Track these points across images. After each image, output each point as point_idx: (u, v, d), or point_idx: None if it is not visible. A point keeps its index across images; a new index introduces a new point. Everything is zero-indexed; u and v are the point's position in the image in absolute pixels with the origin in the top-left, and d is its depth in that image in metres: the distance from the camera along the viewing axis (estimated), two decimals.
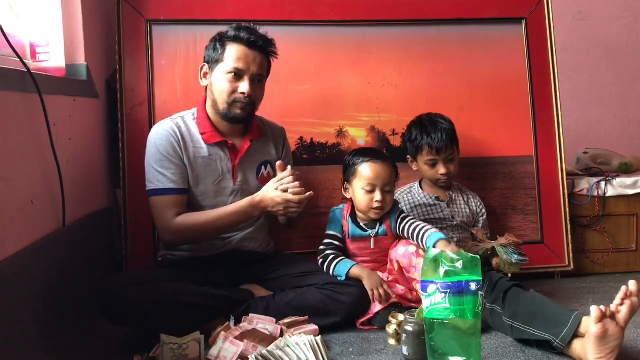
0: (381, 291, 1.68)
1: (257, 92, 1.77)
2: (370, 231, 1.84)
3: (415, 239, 1.76)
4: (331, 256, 1.80)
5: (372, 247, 1.84)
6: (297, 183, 1.69)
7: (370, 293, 1.69)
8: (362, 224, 1.85)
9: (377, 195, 1.77)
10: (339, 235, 1.85)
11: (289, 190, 1.67)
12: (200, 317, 1.62)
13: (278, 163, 1.77)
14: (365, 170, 1.78)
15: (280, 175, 1.73)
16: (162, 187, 1.73)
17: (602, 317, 1.30)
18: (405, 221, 1.81)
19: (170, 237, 1.75)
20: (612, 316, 1.32)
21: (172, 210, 1.72)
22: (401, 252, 1.78)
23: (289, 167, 1.74)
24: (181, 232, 1.72)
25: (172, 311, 1.57)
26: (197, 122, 1.81)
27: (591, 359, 1.33)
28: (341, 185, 1.91)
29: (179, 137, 1.76)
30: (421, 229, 1.75)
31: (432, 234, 1.70)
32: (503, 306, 1.58)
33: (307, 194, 1.69)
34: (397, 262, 1.79)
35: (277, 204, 1.69)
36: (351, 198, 1.86)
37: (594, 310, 1.30)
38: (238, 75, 1.73)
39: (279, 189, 1.69)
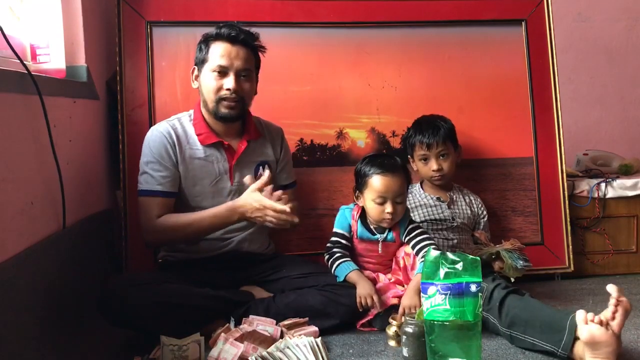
0: (368, 301, 1.67)
1: (243, 87, 1.77)
2: (378, 235, 1.84)
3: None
4: (337, 254, 1.80)
5: (380, 251, 1.84)
6: (288, 206, 1.64)
7: (357, 299, 1.69)
8: (371, 227, 1.85)
9: (388, 207, 1.75)
10: (347, 234, 1.85)
11: (288, 205, 1.63)
12: (201, 319, 1.62)
13: (249, 178, 1.73)
14: (376, 183, 1.76)
15: (251, 192, 1.68)
16: (149, 189, 1.74)
17: (587, 321, 1.31)
18: (412, 235, 1.80)
19: (150, 237, 1.76)
20: (607, 325, 1.31)
21: (156, 211, 1.73)
22: (407, 250, 1.80)
23: (260, 181, 1.70)
24: (160, 232, 1.73)
25: (172, 313, 1.57)
26: (194, 124, 1.81)
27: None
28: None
29: (174, 140, 1.76)
30: (419, 252, 1.75)
31: (420, 264, 1.71)
32: (499, 317, 1.56)
33: (292, 218, 1.64)
34: (403, 259, 1.80)
35: (256, 210, 1.67)
36: (363, 205, 1.85)
37: (580, 313, 1.32)
38: (222, 72, 1.73)
39: (264, 203, 1.64)
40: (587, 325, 1.31)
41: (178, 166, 1.77)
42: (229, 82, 1.73)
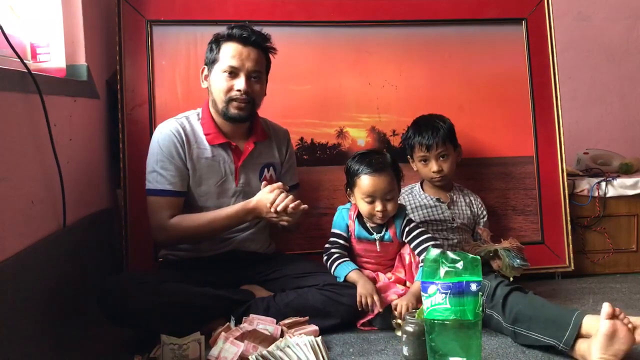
0: (369, 300, 1.67)
1: (254, 88, 1.77)
2: (375, 234, 1.84)
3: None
4: (335, 255, 1.80)
5: (378, 250, 1.84)
6: (290, 197, 1.67)
7: (357, 299, 1.69)
8: (368, 225, 1.85)
9: (378, 206, 1.76)
10: (344, 234, 1.85)
11: (289, 206, 1.64)
12: (201, 318, 1.62)
13: (263, 184, 1.74)
14: (363, 183, 1.76)
15: (266, 193, 1.69)
16: (160, 188, 1.74)
17: (613, 315, 1.29)
18: (412, 235, 1.80)
19: (163, 237, 1.77)
20: (626, 321, 1.30)
21: (167, 211, 1.73)
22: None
23: (277, 185, 1.71)
24: (174, 233, 1.73)
25: (173, 311, 1.57)
26: (202, 123, 1.81)
27: (595, 358, 1.32)
28: (343, 187, 1.91)
29: (183, 139, 1.76)
30: (421, 254, 1.75)
31: (420, 269, 1.71)
32: (503, 313, 1.57)
33: (302, 207, 1.66)
34: (409, 255, 1.80)
35: (270, 212, 1.68)
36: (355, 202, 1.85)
37: (606, 306, 1.30)
38: (233, 72, 1.73)
39: (273, 209, 1.65)
40: (613, 320, 1.30)
41: (187, 165, 1.77)
42: (240, 83, 1.73)
